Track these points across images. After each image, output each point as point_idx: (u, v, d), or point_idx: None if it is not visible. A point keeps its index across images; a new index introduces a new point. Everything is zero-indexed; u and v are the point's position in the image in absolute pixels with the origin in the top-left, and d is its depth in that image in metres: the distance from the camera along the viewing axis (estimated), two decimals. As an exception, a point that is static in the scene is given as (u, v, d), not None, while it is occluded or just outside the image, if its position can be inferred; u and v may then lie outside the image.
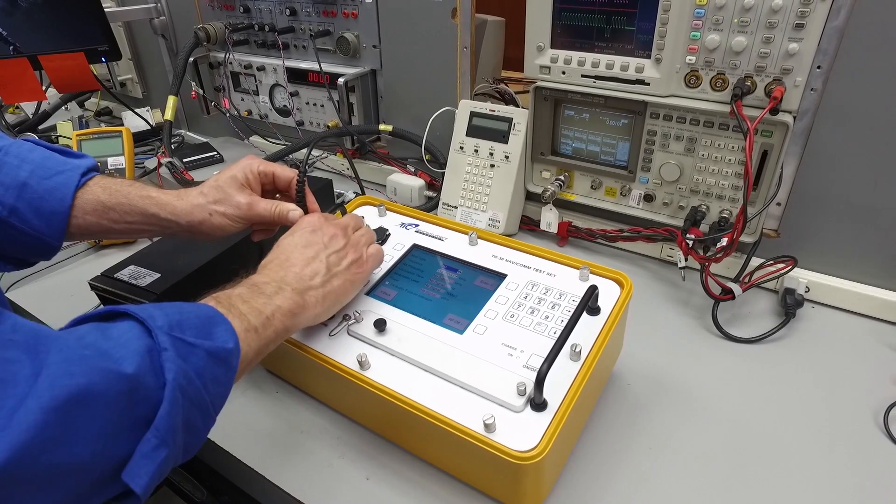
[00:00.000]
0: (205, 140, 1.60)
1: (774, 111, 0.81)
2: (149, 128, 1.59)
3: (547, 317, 0.67)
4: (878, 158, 0.80)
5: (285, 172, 0.77)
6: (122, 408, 0.42)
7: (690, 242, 0.90)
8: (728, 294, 0.86)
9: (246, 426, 0.73)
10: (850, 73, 0.78)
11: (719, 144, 0.89)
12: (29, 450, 0.36)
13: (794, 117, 0.82)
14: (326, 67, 1.27)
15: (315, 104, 1.35)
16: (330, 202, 1.14)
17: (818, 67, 0.79)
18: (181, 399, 0.45)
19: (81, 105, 1.75)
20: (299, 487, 0.65)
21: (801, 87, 0.80)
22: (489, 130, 1.09)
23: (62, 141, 1.49)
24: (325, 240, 0.67)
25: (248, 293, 0.58)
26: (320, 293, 0.63)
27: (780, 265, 0.88)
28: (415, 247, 0.80)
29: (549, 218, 1.07)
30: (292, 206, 0.74)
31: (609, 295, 0.69)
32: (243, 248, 0.90)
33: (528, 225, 1.13)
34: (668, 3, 0.82)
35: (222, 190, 0.72)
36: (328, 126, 1.34)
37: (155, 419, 0.43)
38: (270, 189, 0.78)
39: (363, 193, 1.20)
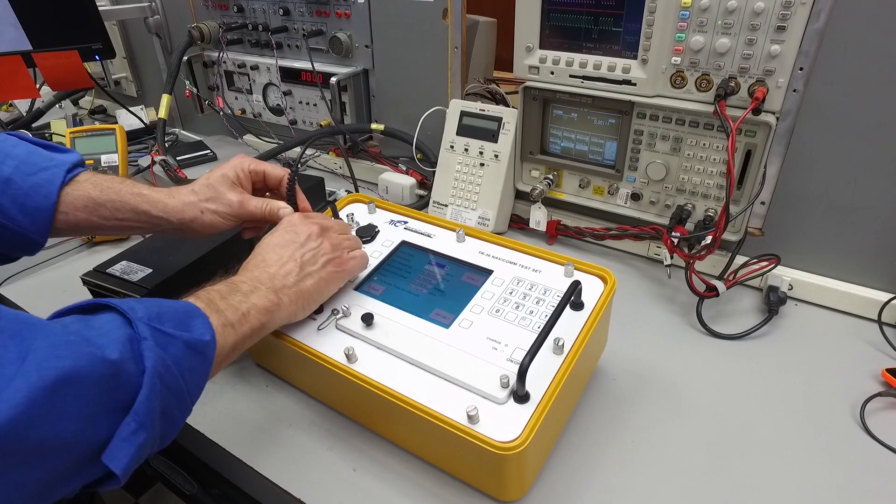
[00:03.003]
0: (198, 138, 1.61)
1: (757, 111, 0.83)
2: (143, 126, 1.59)
3: (531, 312, 0.68)
4: (858, 158, 0.82)
5: (276, 171, 0.78)
6: (105, 391, 0.44)
7: (676, 240, 0.92)
8: (712, 291, 0.88)
9: (235, 419, 0.74)
10: (830, 74, 0.79)
11: (704, 144, 0.91)
12: (15, 424, 0.38)
13: (777, 118, 0.84)
14: (319, 67, 1.28)
15: (308, 103, 1.36)
16: (321, 200, 1.15)
17: (800, 69, 0.80)
18: (159, 386, 0.47)
19: (75, 103, 1.75)
20: (288, 479, 0.66)
21: (784, 87, 0.81)
22: (479, 130, 1.10)
23: (56, 139, 1.49)
24: (301, 239, 0.68)
25: (226, 290, 0.60)
26: (293, 292, 0.65)
27: (764, 263, 0.90)
28: (403, 243, 0.81)
29: (538, 216, 1.08)
30: (283, 203, 0.76)
31: (593, 291, 0.70)
32: (234, 245, 0.91)
33: (518, 223, 1.14)
34: (654, 4, 0.84)
35: (213, 188, 0.73)
36: (321, 125, 1.35)
37: (134, 404, 0.45)
38: (261, 187, 0.79)
39: (357, 191, 1.21)
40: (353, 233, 0.83)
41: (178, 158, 1.38)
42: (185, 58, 1.40)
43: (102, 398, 0.43)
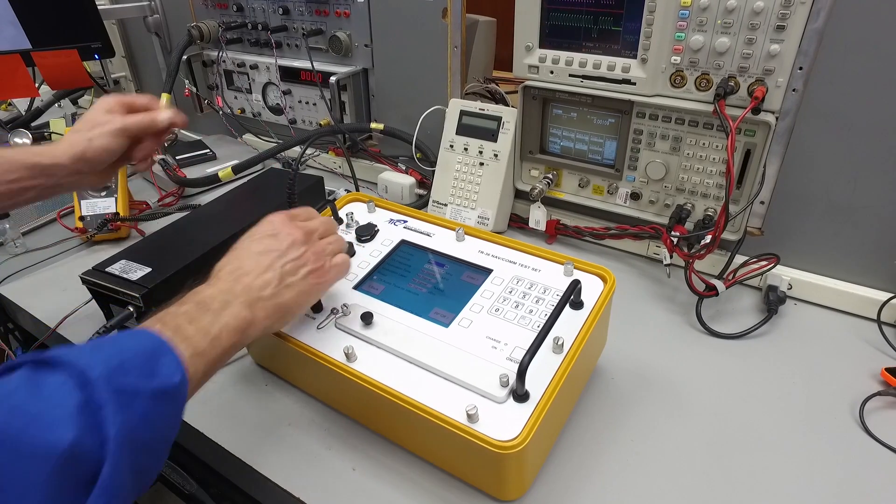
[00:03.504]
0: (198, 138, 1.61)
1: (756, 111, 0.83)
2: (142, 125, 1.59)
3: (531, 311, 0.68)
4: (857, 158, 0.82)
5: (140, 97, 0.82)
6: (63, 479, 0.39)
7: (675, 240, 0.92)
8: (711, 290, 0.88)
9: (235, 418, 0.74)
10: (829, 74, 0.79)
11: (704, 143, 0.91)
12: None
13: (777, 117, 0.84)
14: (319, 66, 1.28)
15: (307, 102, 1.36)
16: (321, 199, 1.15)
17: (799, 68, 0.80)
18: (127, 451, 0.42)
19: (75, 102, 1.74)
20: (287, 478, 0.66)
21: (783, 87, 0.81)
22: (479, 129, 1.10)
23: (55, 137, 1.49)
24: (283, 246, 0.64)
25: (195, 311, 0.55)
26: (270, 305, 0.60)
27: (763, 262, 0.90)
28: (402, 242, 0.81)
29: (538, 216, 1.08)
30: (162, 107, 0.80)
31: (592, 290, 0.70)
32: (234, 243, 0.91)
33: (517, 223, 1.14)
34: (654, 4, 0.84)
35: (93, 120, 0.76)
36: (320, 124, 1.35)
37: (99, 479, 0.40)
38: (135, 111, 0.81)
39: (357, 190, 1.21)
40: (353, 232, 0.83)
41: (177, 157, 1.38)
42: (185, 57, 1.40)
43: (61, 488, 0.38)
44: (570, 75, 0.96)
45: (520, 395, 0.59)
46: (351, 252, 0.80)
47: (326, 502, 0.64)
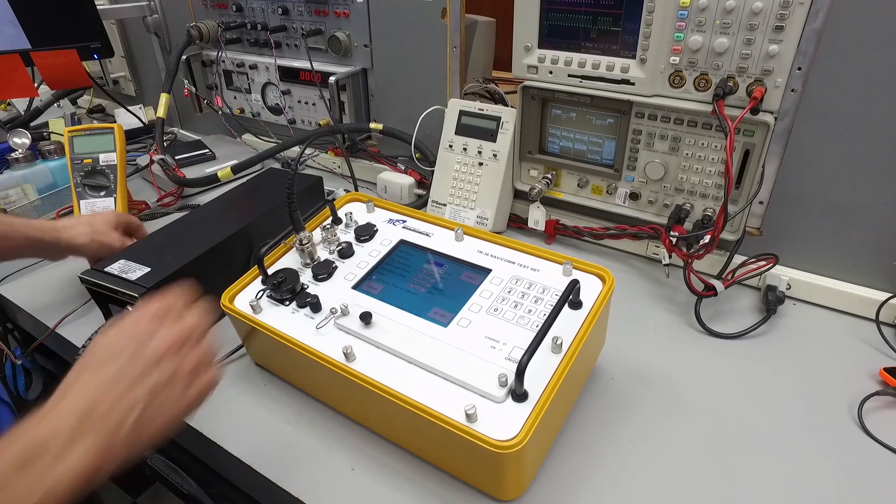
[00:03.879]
0: (197, 138, 1.61)
1: (755, 111, 0.83)
2: (141, 125, 1.59)
3: (530, 310, 0.68)
4: (856, 158, 0.82)
5: (134, 219, 0.99)
6: None
7: (674, 240, 0.92)
8: (710, 290, 0.88)
9: (234, 418, 0.74)
10: (828, 74, 0.79)
11: (703, 144, 0.91)
12: None
13: (776, 117, 0.84)
14: (318, 66, 1.28)
15: (307, 102, 1.36)
16: (320, 199, 1.15)
17: (798, 69, 0.80)
18: None
19: (74, 102, 1.75)
20: (286, 479, 0.66)
21: (782, 87, 0.82)
22: (478, 129, 1.10)
23: (54, 138, 1.49)
24: (153, 357, 0.50)
25: (30, 454, 0.43)
26: (131, 439, 0.48)
27: (762, 262, 0.90)
28: (402, 242, 0.81)
29: (537, 216, 1.08)
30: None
31: (591, 289, 0.70)
32: (233, 245, 0.92)
33: (517, 223, 1.15)
34: (653, 4, 0.84)
35: (103, 229, 0.91)
36: (320, 124, 1.35)
37: None
38: (129, 233, 0.97)
39: (356, 190, 1.21)
40: (352, 232, 0.83)
41: (176, 158, 1.38)
42: (184, 57, 1.40)
43: None
44: (570, 75, 0.96)
45: (518, 395, 0.59)
46: (349, 252, 0.80)
47: (326, 502, 0.64)
